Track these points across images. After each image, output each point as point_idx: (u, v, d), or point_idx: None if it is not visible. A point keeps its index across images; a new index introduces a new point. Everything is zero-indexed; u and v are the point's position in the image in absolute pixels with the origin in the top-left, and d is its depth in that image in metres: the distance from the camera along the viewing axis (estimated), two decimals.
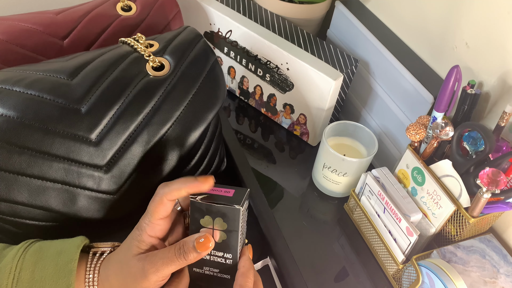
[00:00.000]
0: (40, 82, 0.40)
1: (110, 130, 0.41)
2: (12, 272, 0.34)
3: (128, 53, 0.46)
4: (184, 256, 0.36)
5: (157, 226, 0.37)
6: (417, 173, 0.51)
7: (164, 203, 0.37)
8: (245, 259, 0.38)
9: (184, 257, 0.36)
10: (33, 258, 0.35)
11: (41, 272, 0.35)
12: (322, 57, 0.63)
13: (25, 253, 0.36)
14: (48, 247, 0.37)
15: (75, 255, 0.36)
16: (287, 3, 0.71)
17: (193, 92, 0.46)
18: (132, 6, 0.57)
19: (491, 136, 0.43)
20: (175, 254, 0.36)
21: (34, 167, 0.39)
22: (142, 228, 0.37)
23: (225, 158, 0.57)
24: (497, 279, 0.46)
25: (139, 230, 0.37)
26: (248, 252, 0.39)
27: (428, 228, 0.51)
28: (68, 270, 0.35)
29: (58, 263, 0.35)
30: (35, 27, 0.51)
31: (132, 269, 0.35)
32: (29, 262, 0.35)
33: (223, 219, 0.37)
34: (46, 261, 0.35)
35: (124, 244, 0.38)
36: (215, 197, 0.38)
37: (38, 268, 0.35)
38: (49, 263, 0.35)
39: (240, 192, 0.39)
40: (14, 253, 0.36)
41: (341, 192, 0.62)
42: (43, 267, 0.35)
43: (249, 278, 0.37)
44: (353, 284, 0.53)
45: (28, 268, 0.35)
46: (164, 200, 0.37)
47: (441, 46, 0.56)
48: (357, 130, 0.61)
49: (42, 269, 0.35)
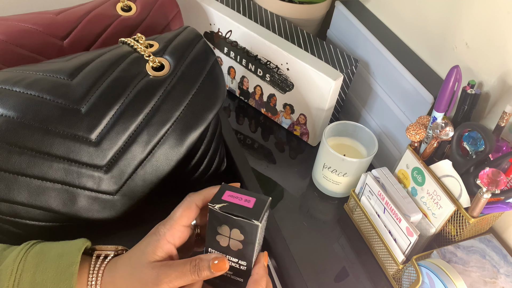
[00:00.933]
0: (40, 82, 0.40)
1: (110, 130, 0.41)
2: (14, 274, 0.34)
3: (128, 53, 0.46)
4: (198, 273, 0.36)
5: (177, 233, 0.37)
6: (417, 173, 0.51)
7: (192, 208, 0.38)
8: (260, 267, 0.38)
9: (197, 274, 0.36)
10: (34, 260, 0.35)
11: (42, 275, 0.35)
12: (322, 57, 0.63)
13: (27, 255, 0.36)
14: (49, 249, 0.37)
15: (77, 258, 0.36)
16: (287, 3, 0.71)
17: (193, 92, 0.46)
18: (132, 7, 0.57)
19: (491, 136, 0.43)
20: (190, 270, 0.36)
21: (34, 167, 0.39)
22: (161, 234, 0.37)
23: (225, 158, 0.57)
24: (497, 279, 0.46)
25: (157, 236, 0.37)
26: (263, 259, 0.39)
27: (428, 228, 0.51)
28: (69, 273, 0.35)
29: (59, 266, 0.35)
30: (35, 28, 0.51)
31: (144, 275, 0.35)
32: (30, 264, 0.35)
33: (240, 231, 0.37)
34: (47, 263, 0.35)
35: (137, 249, 0.37)
36: (234, 207, 0.37)
37: (39, 270, 0.35)
38: (50, 265, 0.35)
39: (261, 203, 0.37)
40: (16, 254, 0.36)
41: (341, 192, 0.62)
42: (44, 270, 0.35)
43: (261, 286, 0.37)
44: (353, 284, 0.53)
45: (29, 270, 0.35)
46: (193, 205, 0.38)
47: (441, 46, 0.56)
48: (357, 130, 0.61)
49: (43, 272, 0.35)
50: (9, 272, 0.34)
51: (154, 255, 0.36)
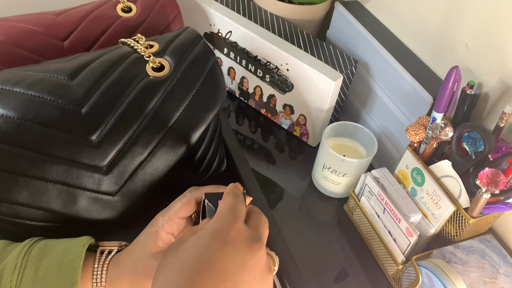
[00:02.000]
0: (40, 82, 0.40)
1: (110, 131, 0.41)
2: (17, 268, 0.34)
3: (128, 54, 0.46)
4: None
5: (175, 225, 0.38)
6: (417, 173, 0.51)
7: (192, 204, 0.38)
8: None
9: None
10: (38, 256, 0.36)
11: (46, 270, 0.35)
12: (321, 58, 0.63)
13: (30, 251, 0.36)
14: (53, 245, 0.37)
15: (81, 254, 0.36)
16: (286, 4, 0.71)
17: (193, 92, 0.46)
18: (133, 7, 0.57)
19: (491, 136, 0.44)
20: None
21: (34, 168, 0.39)
22: (159, 225, 0.38)
23: (225, 159, 0.57)
24: (497, 280, 0.46)
25: (155, 227, 0.38)
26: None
27: (427, 229, 0.51)
28: (73, 267, 0.35)
29: (63, 261, 0.35)
30: (35, 28, 0.51)
31: (148, 266, 0.36)
32: (34, 259, 0.35)
33: None
34: (51, 258, 0.36)
35: (138, 242, 0.38)
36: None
37: (42, 265, 0.35)
38: (54, 260, 0.35)
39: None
40: (19, 250, 0.36)
41: (341, 192, 0.62)
42: (48, 265, 0.35)
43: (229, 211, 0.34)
44: (353, 285, 0.53)
45: (33, 265, 0.35)
46: (193, 202, 0.38)
47: (440, 47, 0.56)
48: (356, 130, 0.62)
49: (47, 267, 0.35)
50: (13, 267, 0.34)
51: (156, 246, 0.37)
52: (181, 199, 0.39)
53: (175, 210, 0.38)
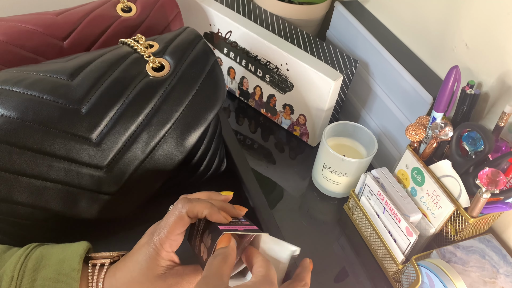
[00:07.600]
0: (40, 82, 0.40)
1: (110, 130, 0.41)
2: (14, 280, 0.34)
3: (128, 54, 0.46)
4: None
5: (174, 242, 0.36)
6: (417, 173, 0.51)
7: (185, 219, 0.36)
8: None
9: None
10: (34, 267, 0.35)
11: (43, 282, 0.35)
12: (321, 58, 0.63)
13: (27, 261, 0.35)
14: (50, 255, 0.37)
15: (78, 265, 0.36)
16: (286, 3, 0.71)
17: (193, 92, 0.46)
18: (132, 7, 0.57)
19: (491, 136, 0.44)
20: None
21: (35, 168, 0.39)
22: (157, 245, 0.36)
23: (225, 159, 0.57)
24: (497, 279, 0.46)
25: (154, 248, 0.36)
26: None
27: (427, 228, 0.51)
28: (70, 279, 0.35)
29: (61, 272, 0.35)
30: (35, 28, 0.51)
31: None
32: (31, 271, 0.35)
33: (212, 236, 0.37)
34: (48, 270, 0.35)
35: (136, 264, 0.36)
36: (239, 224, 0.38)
37: (40, 277, 0.35)
38: (51, 272, 0.35)
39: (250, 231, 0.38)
40: (16, 260, 0.35)
41: (341, 192, 0.62)
42: (45, 276, 0.35)
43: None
44: (353, 284, 0.53)
45: (30, 277, 0.35)
46: (185, 217, 0.36)
47: (440, 47, 0.56)
48: (356, 130, 0.62)
49: (44, 279, 0.35)
50: (9, 279, 0.34)
51: (159, 267, 0.36)
52: (173, 214, 0.37)
53: (170, 228, 0.36)
